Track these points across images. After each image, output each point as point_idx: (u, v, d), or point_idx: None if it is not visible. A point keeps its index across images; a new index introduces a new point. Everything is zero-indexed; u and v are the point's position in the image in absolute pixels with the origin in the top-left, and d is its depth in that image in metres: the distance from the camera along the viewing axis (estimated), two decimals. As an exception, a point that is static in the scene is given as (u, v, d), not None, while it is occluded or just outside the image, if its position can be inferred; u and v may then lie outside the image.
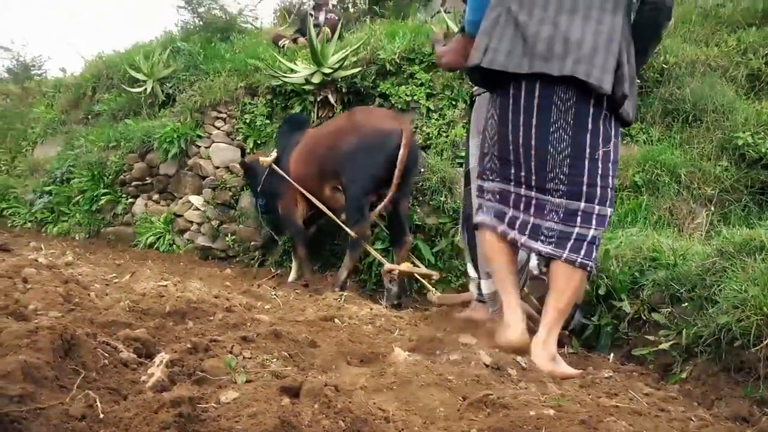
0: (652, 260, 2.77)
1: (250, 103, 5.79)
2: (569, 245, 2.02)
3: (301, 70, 5.37)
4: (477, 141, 2.56)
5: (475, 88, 2.75)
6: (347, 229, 3.90)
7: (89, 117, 7.60)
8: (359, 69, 5.21)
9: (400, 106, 5.03)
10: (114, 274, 3.25)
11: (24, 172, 7.59)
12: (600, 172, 2.01)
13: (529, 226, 2.10)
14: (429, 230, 4.45)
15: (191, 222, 5.69)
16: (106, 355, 1.38)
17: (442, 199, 4.40)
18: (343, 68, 5.18)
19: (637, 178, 4.03)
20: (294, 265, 4.71)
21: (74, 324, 1.48)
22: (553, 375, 1.90)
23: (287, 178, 4.37)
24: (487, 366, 1.75)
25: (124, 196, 6.24)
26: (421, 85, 5.02)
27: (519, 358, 1.88)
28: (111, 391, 1.26)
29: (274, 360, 1.49)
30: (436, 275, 3.81)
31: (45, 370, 1.20)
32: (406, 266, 3.76)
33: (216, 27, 7.27)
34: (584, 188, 2.01)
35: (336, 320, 2.30)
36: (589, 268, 2.05)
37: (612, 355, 2.56)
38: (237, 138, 5.85)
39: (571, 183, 2.01)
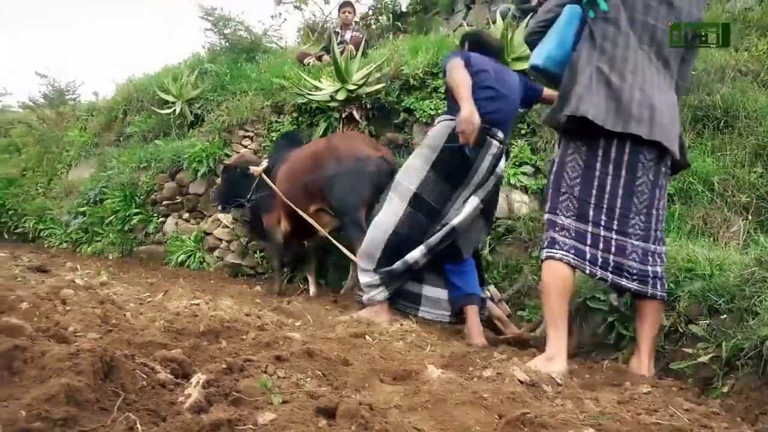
0: (687, 271, 2.70)
1: (276, 121, 5.87)
2: (651, 282, 2.32)
3: (326, 88, 5.44)
4: (423, 159, 3.09)
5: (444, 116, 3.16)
6: (344, 250, 4.09)
7: (121, 139, 7.80)
8: (383, 85, 5.25)
9: (424, 120, 5.04)
10: (147, 293, 3.29)
11: (59, 194, 7.80)
12: (661, 218, 2.39)
13: (612, 264, 2.32)
14: (457, 244, 4.43)
15: (220, 239, 5.77)
16: (144, 376, 1.39)
17: (470, 212, 4.39)
18: (368, 84, 5.22)
19: (668, 187, 3.95)
20: (311, 280, 4.96)
21: (112, 345, 1.50)
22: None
23: (277, 192, 4.57)
24: (521, 383, 1.72)
25: (155, 215, 6.37)
26: (445, 98, 5.01)
27: (554, 375, 1.85)
28: (150, 412, 1.28)
29: (308, 379, 1.49)
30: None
31: (86, 392, 1.22)
32: None
33: (242, 48, 7.42)
34: (653, 232, 2.34)
35: (367, 337, 2.30)
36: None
37: (649, 369, 2.50)
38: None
39: (647, 228, 2.32)
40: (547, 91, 3.41)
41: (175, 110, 6.73)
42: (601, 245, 2.31)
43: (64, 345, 1.50)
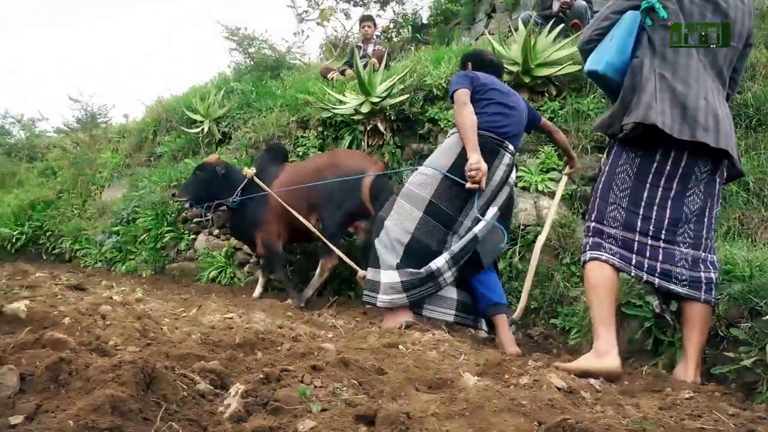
0: (725, 273, 2.63)
1: (302, 136, 5.94)
2: (703, 288, 2.31)
3: (350, 101, 5.49)
4: (435, 169, 3.12)
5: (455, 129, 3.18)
6: (345, 258, 4.18)
7: (151, 159, 7.98)
8: (407, 96, 5.28)
9: (449, 130, 5.04)
10: (182, 308, 3.35)
11: (94, 214, 8.00)
12: (713, 226, 2.40)
13: (659, 270, 2.33)
14: (486, 252, 4.40)
15: (250, 255, 5.83)
16: (185, 387, 1.42)
17: (498, 220, 4.36)
18: (391, 96, 5.26)
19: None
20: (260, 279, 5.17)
21: (152, 358, 1.53)
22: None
23: (280, 200, 4.58)
24: (559, 389, 1.70)
25: (186, 233, 6.48)
26: (470, 107, 5.02)
27: (592, 381, 1.82)
28: (191, 422, 1.30)
29: (345, 388, 1.50)
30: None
31: (130, 403, 1.25)
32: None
33: (266, 65, 7.55)
34: (704, 240, 2.34)
35: (400, 347, 2.29)
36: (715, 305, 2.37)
37: (690, 374, 2.44)
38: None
39: (696, 237, 2.33)
40: (545, 121, 3.64)
41: (203, 129, 6.87)
42: (648, 253, 2.33)
43: (107, 358, 1.54)
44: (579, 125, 4.52)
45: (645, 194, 2.31)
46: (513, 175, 3.27)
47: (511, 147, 3.19)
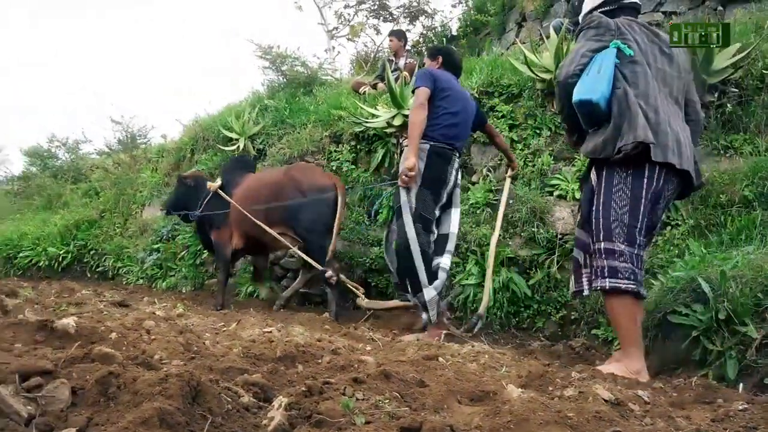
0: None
1: (335, 151, 5.99)
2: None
3: (382, 114, 5.52)
4: (413, 192, 3.47)
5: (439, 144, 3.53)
6: (312, 262, 4.57)
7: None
8: (439, 107, 5.27)
9: (482, 140, 5.02)
10: (222, 323, 3.40)
11: (135, 232, 8.21)
12: (655, 233, 2.93)
13: (640, 277, 2.56)
14: (523, 262, 4.34)
15: (287, 270, 5.88)
16: (229, 400, 1.44)
17: (534, 229, 4.31)
18: (423, 108, 5.26)
19: (746, 192, 3.75)
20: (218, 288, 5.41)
21: (197, 371, 1.56)
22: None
23: (241, 209, 4.86)
24: (606, 402, 1.65)
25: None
26: (503, 117, 4.99)
27: (641, 392, 1.77)
28: (237, 435, 1.31)
29: (387, 400, 1.49)
30: (362, 289, 4.53)
31: (177, 416, 1.27)
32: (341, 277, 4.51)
33: (299, 82, 7.67)
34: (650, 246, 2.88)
35: (440, 359, 2.27)
36: None
37: (741, 384, 2.35)
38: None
39: (647, 243, 2.75)
40: (489, 125, 4.04)
41: (238, 146, 6.99)
42: (639, 263, 2.55)
43: (153, 371, 1.57)
44: (615, 131, 4.44)
45: (641, 210, 2.52)
46: (459, 177, 3.75)
47: (458, 153, 3.67)
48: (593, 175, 2.70)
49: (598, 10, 2.79)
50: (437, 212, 3.60)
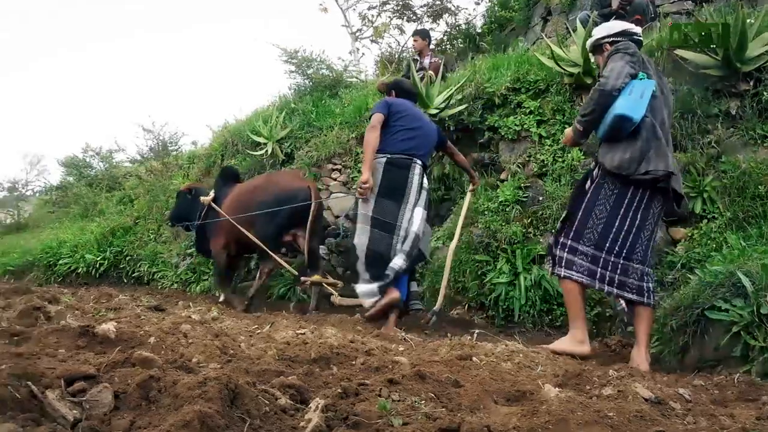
0: None
1: (363, 152, 6.00)
2: (646, 295, 3.01)
3: (408, 115, 5.51)
4: (371, 202, 3.88)
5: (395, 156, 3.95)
6: (285, 266, 5.09)
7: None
8: (465, 106, 5.25)
9: (510, 137, 4.98)
10: (255, 326, 3.44)
11: (168, 238, 8.36)
12: (653, 247, 3.17)
13: (617, 282, 3.03)
14: (555, 260, 4.28)
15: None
16: (266, 402, 1.45)
17: (566, 226, 4.24)
18: (449, 107, 5.25)
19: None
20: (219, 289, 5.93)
21: (234, 374, 1.58)
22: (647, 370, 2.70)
23: (231, 220, 5.25)
24: (646, 400, 1.62)
25: (255, 252, 6.64)
26: (530, 113, 4.94)
27: (682, 390, 1.72)
28: (275, 437, 1.32)
29: (422, 401, 1.49)
30: (340, 284, 4.91)
31: (217, 419, 1.29)
32: (316, 278, 4.87)
33: (325, 85, 7.71)
34: (648, 258, 3.06)
35: (473, 358, 2.26)
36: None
37: (787, 381, 2.27)
38: (353, 187, 6.08)
39: (644, 255, 3.03)
40: (449, 144, 4.47)
41: (267, 151, 7.06)
42: (610, 267, 3.02)
43: (192, 375, 1.60)
44: (647, 124, 4.35)
45: (617, 224, 2.98)
46: (425, 181, 4.08)
47: (419, 161, 4.01)
48: (587, 184, 3.14)
49: (608, 40, 3.20)
50: (407, 213, 3.95)
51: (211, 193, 5.74)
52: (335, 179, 6.26)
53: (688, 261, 3.79)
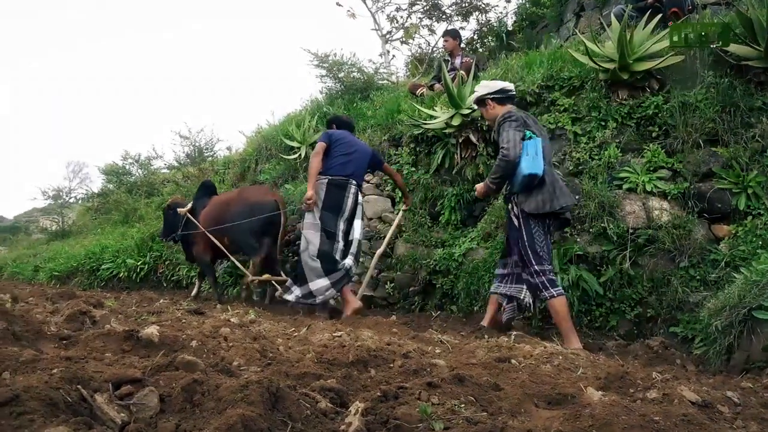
0: None
1: (394, 154, 6.01)
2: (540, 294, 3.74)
3: (440, 115, 5.50)
4: (317, 206, 4.72)
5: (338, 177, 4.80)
6: (243, 269, 5.91)
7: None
8: (498, 105, 5.20)
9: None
10: (292, 328, 3.48)
11: (205, 242, 8.52)
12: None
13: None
14: (593, 259, 4.21)
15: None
16: (307, 405, 1.47)
17: (603, 224, 4.16)
18: (482, 107, 5.20)
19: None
20: (197, 283, 6.87)
21: (275, 377, 1.60)
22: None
23: (199, 226, 6.11)
24: (693, 404, 1.58)
25: (290, 255, 6.73)
26: (565, 110, 4.86)
27: (729, 393, 1.67)
28: (317, 440, 1.34)
29: (462, 405, 1.48)
30: (289, 280, 5.22)
31: (260, 422, 1.31)
32: (266, 277, 5.61)
33: (356, 88, 7.75)
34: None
35: (512, 361, 2.23)
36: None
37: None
38: (386, 189, 6.09)
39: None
40: (386, 165, 5.32)
41: (300, 155, 7.14)
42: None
43: (233, 378, 1.63)
44: (687, 119, 4.24)
45: (546, 241, 3.72)
46: (359, 197, 4.90)
47: (354, 182, 4.83)
48: (515, 221, 3.80)
49: (490, 96, 3.98)
50: (342, 225, 4.79)
51: (189, 205, 6.49)
52: (368, 182, 6.28)
53: (732, 259, 3.68)
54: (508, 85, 4.04)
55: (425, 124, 5.55)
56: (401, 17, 10.94)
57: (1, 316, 2.35)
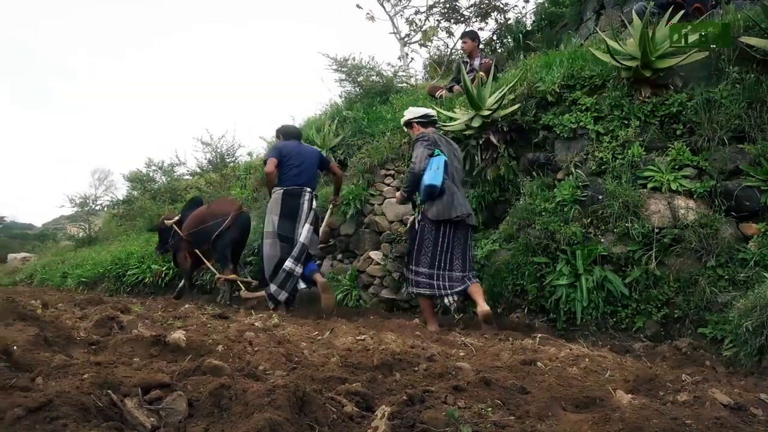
0: None
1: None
2: (470, 280, 4.42)
3: (460, 117, 5.48)
4: (274, 214, 5.30)
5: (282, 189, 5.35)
6: (217, 273, 6.54)
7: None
8: (518, 105, 5.17)
9: (565, 135, 4.86)
10: (316, 332, 3.49)
11: (228, 247, 8.59)
12: (470, 257, 4.55)
13: (447, 287, 4.39)
14: (617, 260, 4.15)
15: (374, 276, 5.95)
16: (333, 409, 1.47)
17: (628, 224, 4.11)
18: (502, 107, 5.18)
19: None
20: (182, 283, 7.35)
21: (301, 381, 1.61)
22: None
23: (181, 235, 6.91)
24: (725, 406, 1.54)
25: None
26: (587, 109, 4.80)
27: (762, 396, 1.63)
28: (344, 444, 1.34)
29: (489, 408, 1.47)
30: (255, 282, 6.12)
31: (287, 426, 1.32)
32: (233, 276, 6.28)
33: (375, 91, 7.76)
34: (466, 265, 4.48)
35: (538, 364, 2.21)
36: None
37: None
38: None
39: (462, 265, 4.47)
40: (332, 165, 5.86)
41: (320, 159, 7.16)
42: (442, 278, 4.37)
43: (260, 382, 1.64)
44: (712, 116, 4.16)
45: (440, 249, 4.37)
46: (314, 203, 5.41)
47: (308, 188, 5.36)
48: (417, 225, 4.50)
49: (415, 120, 4.79)
50: (299, 229, 5.28)
51: (176, 217, 7.32)
52: (388, 185, 6.29)
53: (762, 258, 3.60)
54: (431, 112, 4.88)
55: (445, 126, 5.54)
56: (419, 20, 10.95)
57: (33, 322, 2.41)
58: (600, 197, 4.39)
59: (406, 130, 5.18)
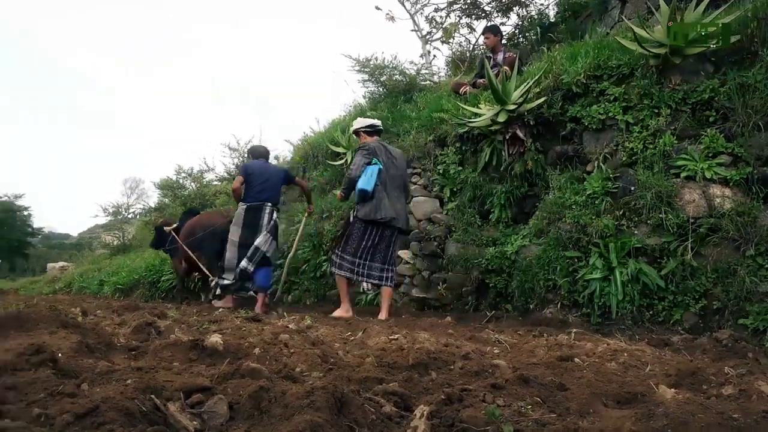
0: None
1: (441, 154, 5.98)
2: (386, 280, 5.13)
3: (485, 112, 5.44)
4: (237, 225, 6.00)
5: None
6: (210, 276, 6.62)
7: (302, 194, 8.51)
8: (544, 98, 5.11)
9: (594, 127, 4.78)
10: (349, 332, 3.50)
11: (258, 250, 8.69)
12: (393, 255, 5.23)
13: (365, 274, 5.07)
14: (652, 251, 4.07)
15: (404, 276, 5.95)
16: (372, 410, 1.48)
17: (662, 215, 4.03)
18: (528, 101, 5.12)
19: None
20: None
21: (339, 383, 1.61)
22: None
23: (179, 241, 7.44)
24: (774, 399, 1.50)
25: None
26: (615, 100, 4.72)
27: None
28: (384, 445, 1.34)
29: (529, 406, 1.46)
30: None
31: (327, 428, 1.33)
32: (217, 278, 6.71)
33: (399, 90, 7.75)
34: (387, 259, 5.16)
35: (575, 359, 2.18)
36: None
37: None
38: (434, 189, 6.07)
39: (383, 258, 5.14)
40: (297, 179, 6.70)
41: (346, 160, 7.20)
42: (362, 267, 5.01)
43: (298, 384, 1.66)
44: (746, 101, 4.05)
45: (365, 243, 4.98)
46: (275, 215, 6.05)
47: (269, 203, 5.98)
48: (352, 220, 5.12)
49: (362, 130, 5.33)
50: (257, 238, 5.91)
51: (174, 224, 7.86)
52: (415, 183, 6.28)
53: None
54: (376, 122, 5.48)
55: (470, 122, 5.51)
56: (440, 17, 10.89)
57: (75, 330, 2.47)
58: (632, 188, 4.31)
59: (354, 137, 5.82)
